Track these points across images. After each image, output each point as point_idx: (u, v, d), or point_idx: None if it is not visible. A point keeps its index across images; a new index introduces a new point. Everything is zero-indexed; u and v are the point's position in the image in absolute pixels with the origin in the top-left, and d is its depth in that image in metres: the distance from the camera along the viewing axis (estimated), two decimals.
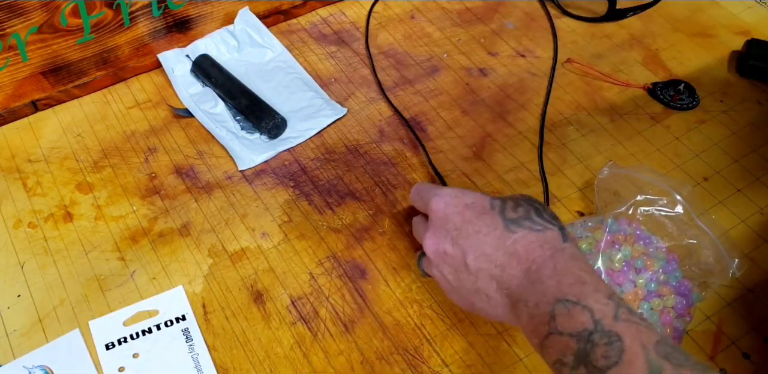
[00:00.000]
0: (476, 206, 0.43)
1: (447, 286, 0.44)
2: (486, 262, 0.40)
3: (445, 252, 0.42)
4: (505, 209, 0.42)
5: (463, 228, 0.42)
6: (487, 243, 0.40)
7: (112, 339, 0.49)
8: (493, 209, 0.42)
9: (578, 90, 0.65)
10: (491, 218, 0.41)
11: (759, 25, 0.70)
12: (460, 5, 0.73)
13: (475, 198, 0.43)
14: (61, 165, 0.60)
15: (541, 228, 0.40)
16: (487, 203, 0.43)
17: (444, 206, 0.43)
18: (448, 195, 0.44)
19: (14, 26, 0.56)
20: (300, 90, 0.65)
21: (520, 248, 0.39)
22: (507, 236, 0.40)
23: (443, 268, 0.43)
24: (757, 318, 0.50)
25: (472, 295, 0.42)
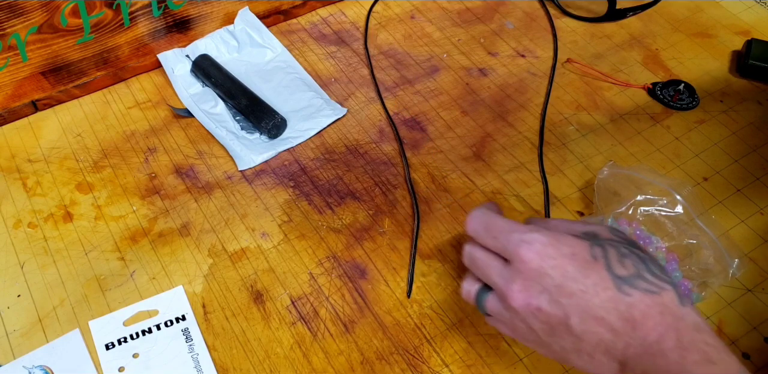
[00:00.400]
0: (577, 257, 0.38)
1: (531, 338, 0.40)
2: (596, 326, 0.37)
3: (540, 309, 0.38)
4: (611, 262, 0.38)
5: (565, 285, 0.37)
6: (597, 305, 0.36)
7: (112, 339, 0.49)
8: (597, 261, 0.38)
9: (578, 90, 0.65)
10: (598, 274, 0.37)
11: (759, 25, 0.70)
12: (460, 5, 0.73)
13: (573, 247, 0.38)
14: (61, 165, 0.60)
15: (657, 290, 0.37)
16: (587, 252, 0.38)
17: (539, 258, 0.38)
18: (540, 244, 0.38)
19: (14, 26, 0.56)
20: (300, 90, 0.65)
21: (637, 313, 0.36)
22: (621, 300, 0.36)
23: (532, 323, 0.39)
24: (757, 318, 0.50)
25: (568, 353, 0.38)
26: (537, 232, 0.39)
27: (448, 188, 0.58)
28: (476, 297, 0.42)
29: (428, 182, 0.58)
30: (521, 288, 0.38)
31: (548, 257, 0.38)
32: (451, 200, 0.57)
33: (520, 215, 0.56)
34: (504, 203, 0.57)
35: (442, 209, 0.56)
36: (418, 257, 0.53)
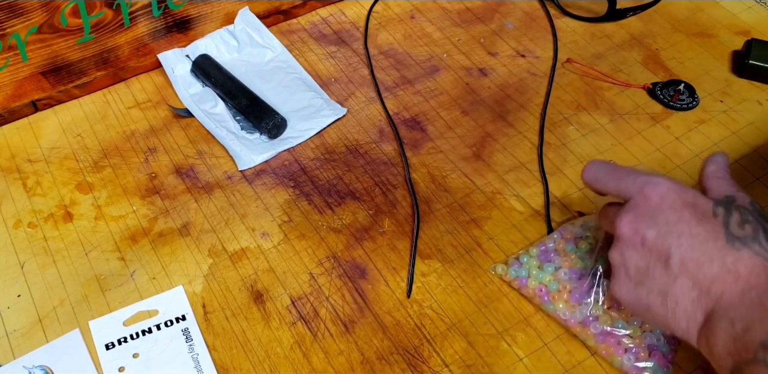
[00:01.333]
0: (698, 207, 0.38)
1: (621, 275, 0.39)
2: (695, 269, 0.36)
3: (644, 239, 0.38)
4: (730, 221, 0.37)
5: (677, 227, 0.37)
6: (702, 251, 0.36)
7: (112, 339, 0.49)
8: (716, 217, 0.37)
9: (578, 90, 0.65)
10: (713, 227, 0.37)
11: (759, 25, 0.70)
12: (460, 5, 0.73)
13: (697, 198, 0.38)
14: (61, 165, 0.60)
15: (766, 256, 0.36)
16: (709, 207, 0.38)
17: (660, 197, 0.38)
18: (665, 186, 0.38)
19: (14, 26, 0.56)
20: (300, 90, 0.65)
21: (743, 268, 0.35)
22: (728, 252, 0.36)
23: (631, 254, 0.38)
24: None
25: (654, 296, 0.38)
26: (665, 178, 0.39)
27: (448, 188, 0.58)
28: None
29: (428, 182, 0.58)
30: (632, 219, 0.38)
31: (669, 198, 0.38)
32: (451, 200, 0.57)
33: (520, 215, 0.56)
34: (504, 203, 0.57)
35: (442, 209, 0.56)
36: (418, 257, 0.53)
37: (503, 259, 0.53)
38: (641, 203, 0.39)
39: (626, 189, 0.40)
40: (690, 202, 0.38)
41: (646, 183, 0.39)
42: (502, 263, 0.52)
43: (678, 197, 0.38)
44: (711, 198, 0.39)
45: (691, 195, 0.38)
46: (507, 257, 0.53)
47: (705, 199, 0.39)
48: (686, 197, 0.38)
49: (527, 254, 0.51)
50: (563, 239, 0.52)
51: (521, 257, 0.51)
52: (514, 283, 0.51)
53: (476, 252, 0.54)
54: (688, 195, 0.38)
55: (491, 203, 0.57)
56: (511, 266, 0.51)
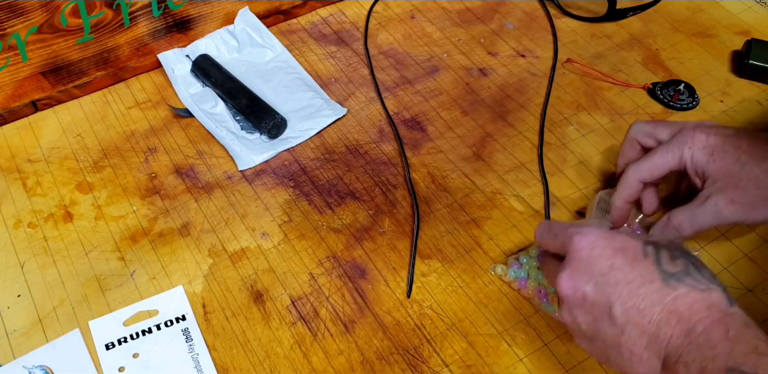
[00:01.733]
0: (628, 251, 0.39)
1: (577, 332, 0.40)
2: (638, 316, 0.36)
3: (584, 297, 0.38)
4: (661, 259, 0.38)
5: (611, 275, 0.38)
6: (641, 296, 0.37)
7: (112, 339, 0.49)
8: (647, 257, 0.38)
9: (578, 90, 0.65)
10: (646, 268, 0.38)
11: (759, 25, 0.70)
12: (460, 5, 0.73)
13: (626, 242, 0.39)
14: (61, 165, 0.60)
15: (705, 288, 0.36)
16: (639, 249, 0.39)
17: (589, 247, 0.39)
18: (594, 235, 0.40)
19: (14, 26, 0.56)
20: (300, 90, 0.65)
21: (682, 306, 0.36)
22: (666, 292, 0.36)
23: (577, 313, 0.39)
24: (757, 318, 0.49)
25: (610, 348, 0.38)
26: (593, 228, 0.40)
27: (448, 188, 0.58)
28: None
29: (428, 182, 0.58)
30: (569, 276, 0.39)
31: (599, 247, 0.39)
32: (451, 200, 0.57)
33: (520, 215, 0.56)
34: (504, 203, 0.57)
35: (442, 209, 0.56)
36: (418, 257, 0.53)
37: (503, 259, 0.53)
38: (574, 256, 0.40)
39: (561, 245, 0.42)
40: (619, 247, 0.39)
41: (574, 235, 0.40)
42: (501, 263, 0.52)
43: (607, 243, 0.39)
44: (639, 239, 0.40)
45: (620, 240, 0.39)
46: (506, 258, 0.53)
47: (634, 240, 0.39)
48: (615, 242, 0.39)
49: (527, 255, 0.51)
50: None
51: (521, 257, 0.51)
52: (514, 284, 0.51)
53: (476, 252, 0.54)
54: (617, 241, 0.39)
55: (491, 203, 0.57)
56: (511, 266, 0.51)
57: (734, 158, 0.46)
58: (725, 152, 0.46)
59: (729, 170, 0.46)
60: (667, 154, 0.48)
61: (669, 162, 0.48)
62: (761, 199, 0.45)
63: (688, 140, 0.47)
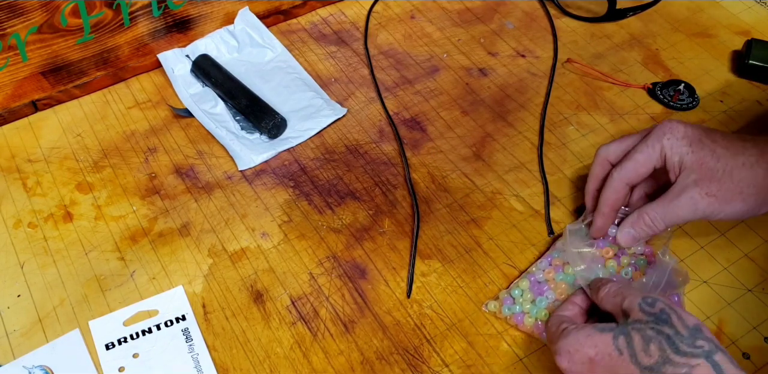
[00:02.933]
0: (602, 356, 0.39)
1: None
2: None
3: None
4: (635, 353, 0.38)
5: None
6: None
7: (112, 339, 0.49)
8: (622, 355, 0.38)
9: (578, 90, 0.65)
10: (625, 369, 0.38)
11: (759, 25, 0.70)
12: (460, 5, 0.73)
13: (597, 345, 0.40)
14: (61, 165, 0.60)
15: (686, 370, 0.36)
16: (611, 348, 0.39)
17: (569, 365, 0.41)
18: (567, 352, 0.41)
19: (14, 26, 0.56)
20: (300, 90, 0.65)
21: None
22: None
23: None
24: (757, 318, 0.50)
25: None
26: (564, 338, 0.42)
27: (448, 188, 0.58)
28: None
29: (428, 182, 0.58)
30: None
31: (577, 363, 0.40)
32: (451, 200, 0.57)
33: (520, 215, 0.56)
34: (504, 203, 0.57)
35: (442, 209, 0.56)
36: (418, 257, 0.53)
37: (496, 292, 0.53)
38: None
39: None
40: (593, 356, 0.40)
41: (555, 355, 0.42)
42: (493, 299, 0.51)
43: (581, 356, 0.40)
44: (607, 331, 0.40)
45: (591, 346, 0.40)
46: (498, 293, 0.51)
47: (604, 338, 0.40)
48: (587, 351, 0.40)
49: (518, 288, 0.50)
50: (552, 267, 0.51)
51: (512, 291, 0.50)
52: (510, 321, 0.49)
53: (476, 252, 0.54)
54: (588, 349, 0.40)
55: (491, 203, 0.57)
56: (504, 303, 0.49)
57: (711, 151, 0.46)
58: (702, 144, 0.46)
59: (706, 163, 0.46)
60: (648, 149, 0.47)
61: (652, 157, 0.47)
62: (736, 192, 0.45)
63: (667, 130, 0.47)
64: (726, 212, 0.46)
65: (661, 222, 0.47)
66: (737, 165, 0.46)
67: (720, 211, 0.45)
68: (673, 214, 0.46)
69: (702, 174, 0.46)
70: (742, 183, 0.45)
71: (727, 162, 0.46)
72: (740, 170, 0.45)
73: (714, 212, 0.46)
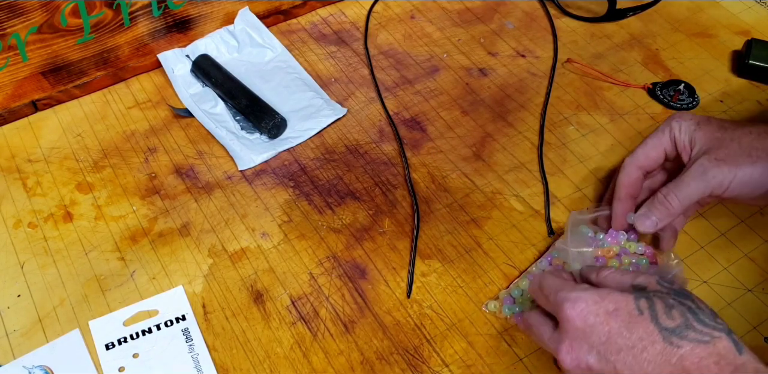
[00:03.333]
0: (621, 312, 0.38)
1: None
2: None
3: (590, 368, 0.38)
4: (657, 314, 0.37)
5: (612, 341, 0.37)
6: (646, 360, 0.36)
7: (112, 339, 0.49)
8: (643, 315, 0.37)
9: (578, 90, 0.65)
10: (644, 328, 0.37)
11: (759, 25, 0.70)
12: (460, 5, 0.73)
13: (617, 301, 0.38)
14: (61, 165, 0.60)
15: (708, 339, 0.36)
16: (632, 306, 0.38)
17: (583, 315, 0.38)
18: (584, 301, 0.39)
19: (14, 26, 0.56)
20: (300, 90, 0.65)
21: (691, 366, 0.35)
22: (671, 352, 0.36)
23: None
24: (757, 318, 0.50)
25: None
26: (581, 290, 0.39)
27: (448, 188, 0.58)
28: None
29: (428, 182, 0.58)
30: (569, 349, 0.39)
31: (592, 314, 0.38)
32: (451, 200, 0.57)
33: (520, 215, 0.56)
34: (504, 203, 0.57)
35: (442, 209, 0.56)
36: (418, 257, 0.53)
37: (496, 292, 0.53)
38: (569, 326, 0.39)
39: (553, 309, 0.41)
40: (612, 310, 0.38)
41: (563, 304, 0.39)
42: (493, 299, 0.51)
43: (599, 308, 0.38)
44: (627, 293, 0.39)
45: (611, 301, 0.38)
46: (498, 293, 0.51)
47: (625, 298, 0.39)
48: (606, 305, 0.38)
49: (517, 288, 0.50)
50: (552, 267, 0.51)
51: (512, 291, 0.50)
52: (511, 320, 0.49)
53: (476, 252, 0.54)
54: (608, 303, 0.38)
55: (491, 203, 0.57)
56: (504, 302, 0.49)
57: (718, 126, 0.47)
58: (710, 122, 0.48)
59: (713, 134, 0.47)
60: (658, 133, 0.49)
61: (662, 141, 0.48)
62: (744, 155, 0.45)
63: (676, 117, 0.49)
64: (738, 177, 0.45)
65: (675, 198, 0.46)
66: (745, 133, 0.46)
67: (730, 176, 0.45)
68: (685, 186, 0.46)
69: (710, 145, 0.46)
70: (750, 147, 0.45)
71: (734, 131, 0.46)
72: (748, 137, 0.46)
73: (724, 178, 0.45)
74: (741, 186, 0.45)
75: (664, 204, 0.46)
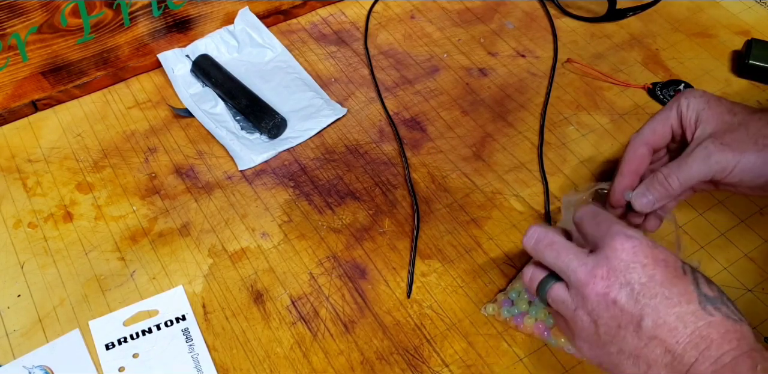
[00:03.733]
0: (669, 264, 0.38)
1: (587, 332, 0.39)
2: (667, 333, 0.36)
3: (616, 302, 0.37)
4: (699, 280, 0.37)
5: (650, 287, 0.37)
6: (675, 315, 0.36)
7: (112, 339, 0.49)
8: (686, 275, 0.37)
9: (578, 90, 0.65)
10: (685, 286, 0.37)
11: (759, 25, 0.70)
12: (460, 5, 0.73)
13: (668, 255, 0.38)
14: (61, 165, 0.60)
15: (737, 319, 0.36)
16: (679, 265, 0.38)
17: (635, 251, 0.38)
18: (639, 240, 0.38)
19: (14, 26, 0.56)
20: (300, 90, 0.65)
21: (714, 334, 0.35)
22: (701, 316, 0.36)
23: (600, 315, 0.38)
24: (757, 318, 0.50)
25: (625, 356, 0.37)
26: (637, 231, 0.39)
27: (448, 188, 0.58)
28: (539, 284, 0.41)
29: (428, 182, 0.58)
30: (605, 275, 0.37)
31: (643, 254, 0.38)
32: (451, 200, 0.57)
33: (520, 215, 0.56)
34: (504, 203, 0.57)
35: (442, 209, 0.56)
36: (418, 257, 0.53)
37: (494, 294, 0.53)
38: (614, 255, 0.38)
39: (600, 236, 0.40)
40: (661, 259, 0.38)
41: (618, 235, 0.38)
42: (491, 302, 0.50)
43: (650, 252, 0.38)
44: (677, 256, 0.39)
45: (662, 252, 0.38)
46: (495, 296, 0.51)
47: (674, 256, 0.39)
48: (658, 254, 0.38)
49: (514, 290, 0.50)
50: None
51: (509, 293, 0.50)
52: (510, 322, 0.49)
53: (476, 252, 0.54)
54: (659, 252, 0.38)
55: (491, 203, 0.57)
56: (503, 305, 0.49)
57: (728, 108, 0.46)
58: (720, 104, 0.47)
59: (722, 117, 0.46)
60: (665, 109, 0.48)
61: (669, 116, 0.47)
62: (750, 142, 0.44)
63: (686, 94, 0.48)
64: (741, 164, 0.44)
65: (675, 179, 0.45)
66: (754, 119, 0.45)
67: (734, 162, 0.44)
68: (687, 168, 0.45)
69: (717, 127, 0.45)
70: (758, 134, 0.45)
71: (744, 117, 0.45)
72: (757, 123, 0.45)
73: (728, 164, 0.44)
74: (743, 173, 0.45)
75: (664, 185, 0.46)
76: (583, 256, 0.39)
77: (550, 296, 0.41)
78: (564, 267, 0.39)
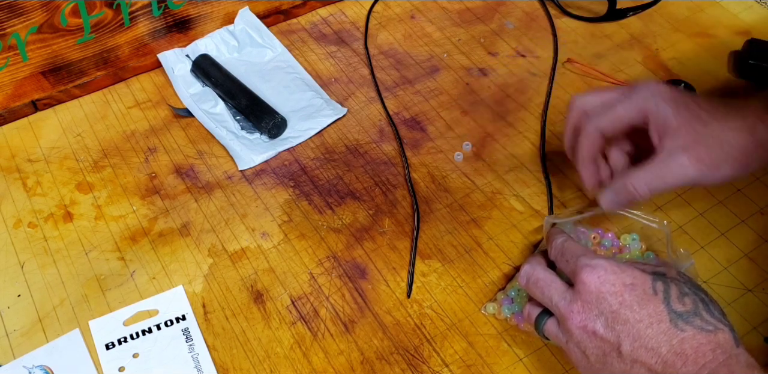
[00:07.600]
0: (636, 288, 0.39)
1: (583, 362, 0.41)
2: (646, 355, 0.37)
3: (595, 333, 0.39)
4: (670, 297, 0.39)
5: (621, 313, 0.39)
6: (649, 336, 0.38)
7: (112, 339, 0.49)
8: (656, 295, 0.39)
9: (578, 90, 0.65)
10: (655, 307, 0.38)
11: (759, 25, 0.70)
12: (460, 5, 0.73)
13: (635, 278, 0.40)
14: (61, 165, 0.60)
15: (712, 329, 0.37)
16: (648, 285, 0.39)
17: (599, 283, 0.40)
18: (603, 269, 0.40)
19: (14, 26, 0.56)
20: (300, 90, 0.65)
21: (689, 348, 0.37)
22: (674, 333, 0.37)
23: (586, 346, 0.40)
24: (757, 318, 0.50)
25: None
26: (604, 259, 0.41)
27: (448, 188, 0.58)
28: (536, 320, 0.44)
29: (428, 182, 0.58)
30: (580, 309, 0.40)
31: (608, 283, 0.39)
32: (451, 200, 0.57)
33: (520, 215, 0.56)
34: (504, 203, 0.57)
35: (442, 209, 0.56)
36: (418, 257, 0.53)
37: (500, 269, 0.53)
38: (584, 289, 0.40)
39: (571, 272, 0.42)
40: (629, 283, 0.39)
41: (583, 268, 0.41)
42: (491, 301, 0.50)
43: (616, 279, 0.40)
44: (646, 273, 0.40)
45: (629, 276, 0.40)
46: (494, 295, 0.51)
47: (643, 276, 0.40)
48: (624, 278, 0.40)
49: (513, 288, 0.50)
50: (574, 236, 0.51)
51: (509, 291, 0.50)
52: (511, 321, 0.49)
53: (476, 252, 0.54)
54: (626, 276, 0.40)
55: (491, 203, 0.57)
56: (503, 303, 0.49)
57: (696, 115, 0.45)
58: (688, 108, 0.46)
59: (693, 127, 0.45)
60: (630, 105, 0.47)
61: (631, 114, 0.47)
62: (724, 159, 0.44)
63: (653, 89, 0.46)
64: (713, 178, 0.45)
65: (646, 188, 0.45)
66: (724, 130, 0.45)
67: (709, 176, 0.45)
68: (661, 180, 0.45)
69: (690, 139, 0.45)
70: (732, 149, 0.45)
71: (716, 128, 0.45)
72: (727, 134, 0.45)
73: (702, 178, 0.45)
74: (717, 182, 0.46)
75: (634, 194, 0.46)
76: (563, 291, 0.42)
77: (545, 331, 0.44)
78: (549, 303, 0.43)
